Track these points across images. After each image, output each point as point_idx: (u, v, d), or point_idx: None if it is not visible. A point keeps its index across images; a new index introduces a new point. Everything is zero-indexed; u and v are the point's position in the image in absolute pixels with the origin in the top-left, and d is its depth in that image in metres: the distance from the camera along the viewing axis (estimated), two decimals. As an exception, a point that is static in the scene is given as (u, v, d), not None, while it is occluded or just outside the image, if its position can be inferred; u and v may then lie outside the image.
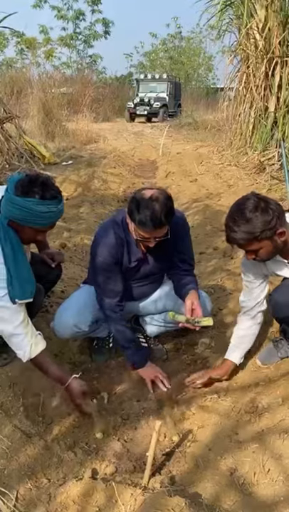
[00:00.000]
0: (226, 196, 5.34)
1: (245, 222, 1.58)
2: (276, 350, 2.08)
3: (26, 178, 1.67)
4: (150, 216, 1.72)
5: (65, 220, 4.22)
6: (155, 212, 1.72)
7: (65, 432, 1.78)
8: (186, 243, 2.12)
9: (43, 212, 1.64)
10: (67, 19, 18.03)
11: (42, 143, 7.72)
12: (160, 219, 1.72)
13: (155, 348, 2.37)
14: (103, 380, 2.12)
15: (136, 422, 1.89)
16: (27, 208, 1.62)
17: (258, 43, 6.57)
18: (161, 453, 1.73)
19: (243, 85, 7.26)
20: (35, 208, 1.63)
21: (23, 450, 1.62)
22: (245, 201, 1.62)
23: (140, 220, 1.74)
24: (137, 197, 1.78)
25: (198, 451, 1.73)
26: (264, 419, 1.80)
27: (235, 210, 1.63)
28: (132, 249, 2.00)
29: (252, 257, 1.71)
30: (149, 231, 1.78)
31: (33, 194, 1.63)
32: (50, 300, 2.63)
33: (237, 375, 2.10)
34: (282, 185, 5.07)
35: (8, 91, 9.90)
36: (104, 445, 1.74)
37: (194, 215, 4.71)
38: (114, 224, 2.00)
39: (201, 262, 3.50)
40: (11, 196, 1.64)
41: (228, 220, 1.64)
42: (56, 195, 1.70)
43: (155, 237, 1.82)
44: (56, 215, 1.72)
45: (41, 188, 1.65)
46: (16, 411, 1.80)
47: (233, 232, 1.62)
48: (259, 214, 1.58)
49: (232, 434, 1.78)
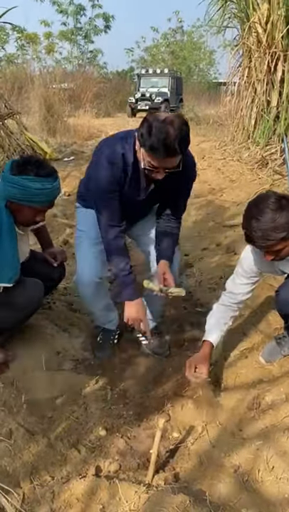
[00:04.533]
0: (229, 191, 5.32)
1: (270, 222, 1.51)
2: (279, 347, 2.07)
3: (21, 159, 1.76)
4: (163, 141, 1.56)
5: (67, 216, 4.22)
6: (169, 137, 1.55)
7: (69, 429, 1.77)
8: (188, 189, 2.02)
9: (38, 188, 1.69)
10: (67, 14, 17.94)
11: (43, 139, 7.70)
12: (173, 146, 1.57)
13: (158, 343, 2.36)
14: (106, 377, 2.11)
15: (139, 419, 1.88)
16: (23, 185, 1.68)
17: (261, 37, 6.52)
18: (165, 450, 1.72)
19: (245, 80, 7.21)
20: (30, 184, 1.68)
21: (26, 448, 1.62)
22: (265, 200, 1.55)
23: (151, 146, 1.59)
24: (149, 119, 1.61)
25: (202, 448, 1.72)
26: (268, 415, 1.79)
27: (255, 209, 1.56)
28: (136, 178, 1.85)
29: (271, 258, 1.65)
30: (160, 159, 1.63)
31: (28, 171, 1.69)
32: (53, 297, 2.63)
33: (240, 371, 2.09)
34: (285, 180, 5.05)
35: (9, 87, 9.85)
36: (107, 442, 1.74)
37: (197, 210, 4.69)
38: (124, 143, 1.81)
39: (203, 258, 3.49)
40: (7, 175, 1.69)
41: (249, 220, 1.56)
42: (51, 172, 1.76)
43: (165, 168, 1.68)
44: (52, 192, 1.77)
45: (36, 166, 1.71)
46: (19, 408, 1.79)
47: (257, 233, 1.54)
48: (285, 213, 1.52)
49: (236, 431, 1.78)
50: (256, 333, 2.30)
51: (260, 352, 2.15)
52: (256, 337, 2.27)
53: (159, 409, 1.92)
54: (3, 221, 1.72)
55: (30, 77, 10.53)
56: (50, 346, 2.19)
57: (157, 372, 2.16)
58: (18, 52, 13.80)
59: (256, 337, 2.27)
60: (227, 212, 4.45)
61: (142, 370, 2.18)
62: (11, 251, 1.81)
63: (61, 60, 16.88)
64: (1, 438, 1.62)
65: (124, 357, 2.28)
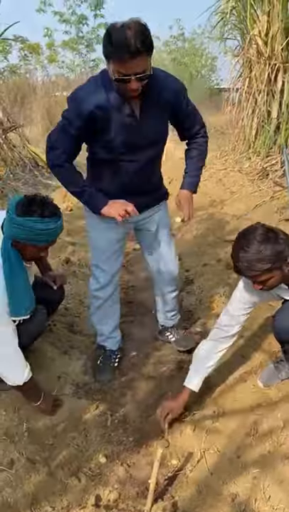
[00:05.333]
0: (229, 204, 5.35)
1: (256, 253, 1.58)
2: (277, 371, 2.10)
3: (25, 199, 1.77)
4: (122, 42, 1.56)
5: (69, 232, 4.25)
6: (127, 37, 1.56)
7: (69, 456, 1.81)
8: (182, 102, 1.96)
9: (43, 229, 1.72)
10: (70, 23, 18.07)
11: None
12: (134, 44, 1.56)
13: (185, 338, 2.51)
14: (106, 402, 2.14)
15: (139, 445, 1.91)
16: (28, 226, 1.70)
17: (261, 49, 6.56)
18: (164, 478, 1.75)
19: (246, 90, 7.26)
20: (35, 225, 1.71)
21: (27, 478, 1.66)
22: (253, 231, 1.62)
23: (113, 51, 1.61)
24: (108, 29, 1.64)
25: (201, 475, 1.75)
26: (265, 442, 1.82)
27: (243, 241, 1.62)
28: (117, 101, 1.79)
29: (259, 287, 1.71)
30: (125, 63, 1.60)
31: (33, 213, 1.72)
32: (53, 319, 2.66)
33: (239, 395, 2.11)
34: (286, 193, 5.07)
35: (11, 97, 9.95)
36: (107, 470, 1.77)
37: (198, 224, 4.71)
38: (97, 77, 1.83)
39: (204, 275, 3.51)
40: (12, 217, 1.72)
41: (237, 251, 1.62)
42: (55, 211, 1.78)
43: (135, 74, 1.64)
44: (56, 231, 1.80)
45: (40, 206, 1.74)
46: (21, 436, 1.83)
47: (243, 264, 1.60)
48: (270, 245, 1.58)
49: (234, 458, 1.80)
50: (255, 355, 2.32)
51: (258, 375, 2.17)
52: (255, 360, 2.30)
53: (158, 435, 1.95)
54: (13, 259, 1.77)
55: (33, 88, 10.62)
56: (51, 371, 2.23)
57: (157, 396, 2.19)
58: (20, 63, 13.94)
59: (255, 360, 2.30)
60: (227, 227, 4.48)
61: (141, 393, 2.21)
62: (25, 285, 1.87)
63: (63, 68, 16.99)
64: (3, 468, 1.66)
65: (124, 380, 2.31)
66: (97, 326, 2.46)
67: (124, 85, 1.69)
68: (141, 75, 1.66)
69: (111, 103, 1.79)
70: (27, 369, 1.87)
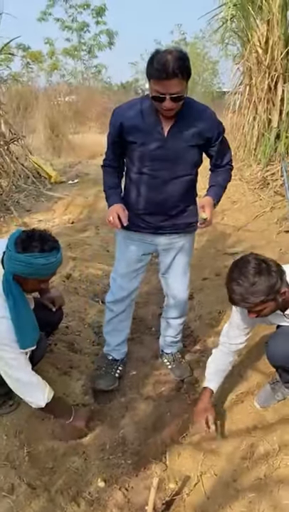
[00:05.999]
0: (230, 214, 5.38)
1: (249, 287, 1.63)
2: (273, 392, 2.13)
3: (24, 235, 1.81)
4: (162, 64, 1.76)
5: (70, 246, 4.30)
6: (167, 61, 1.76)
7: (69, 481, 1.84)
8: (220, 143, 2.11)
9: (44, 264, 1.77)
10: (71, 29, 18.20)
11: (48, 160, 7.82)
12: (172, 66, 1.75)
13: (180, 367, 2.55)
14: (105, 424, 2.17)
15: (137, 469, 1.94)
16: (28, 262, 1.75)
17: (261, 57, 6.59)
18: (161, 502, 1.78)
19: (247, 97, 7.29)
20: (36, 261, 1.75)
21: (27, 503, 1.69)
22: (246, 264, 1.68)
23: (153, 71, 1.81)
24: (153, 53, 1.85)
25: (197, 499, 1.78)
26: (261, 466, 1.85)
27: (237, 273, 1.67)
28: (151, 118, 2.00)
29: (254, 316, 1.75)
30: (162, 82, 1.80)
31: (33, 248, 1.76)
32: (54, 338, 2.70)
33: (236, 417, 2.15)
34: (286, 203, 5.09)
35: (14, 106, 10.02)
36: (106, 495, 1.80)
37: (198, 236, 4.71)
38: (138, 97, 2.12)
39: (203, 289, 3.55)
40: (13, 254, 1.76)
41: (231, 283, 1.68)
42: (54, 245, 1.83)
43: (170, 94, 1.82)
44: (56, 264, 1.85)
45: (39, 241, 1.78)
46: (22, 461, 1.87)
47: (238, 296, 1.67)
48: (263, 278, 1.64)
49: (230, 482, 1.83)
50: (252, 375, 2.36)
51: (255, 396, 2.20)
52: (252, 380, 2.33)
53: (156, 458, 1.98)
54: (15, 293, 1.82)
55: (36, 96, 10.69)
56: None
57: (155, 418, 2.22)
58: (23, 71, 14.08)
59: (252, 380, 2.33)
60: (228, 239, 4.51)
61: (140, 415, 2.24)
62: (29, 317, 1.92)
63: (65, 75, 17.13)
64: (4, 494, 1.70)
65: (123, 401, 2.34)
66: (106, 336, 2.54)
67: (160, 104, 1.88)
68: (175, 95, 1.83)
69: (143, 118, 2.00)
70: (47, 389, 1.92)
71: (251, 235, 4.55)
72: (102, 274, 3.74)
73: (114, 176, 2.22)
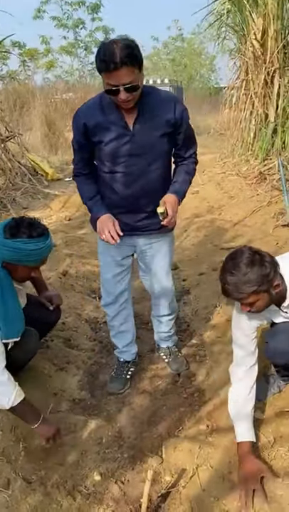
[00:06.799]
0: (227, 209, 5.38)
1: (242, 276, 1.62)
2: (268, 385, 2.13)
3: (13, 221, 1.82)
4: (109, 56, 1.67)
5: (67, 243, 4.30)
6: (114, 52, 1.67)
7: (65, 475, 1.84)
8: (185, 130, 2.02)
9: (32, 249, 1.77)
10: (67, 27, 18.17)
11: (45, 157, 7.82)
12: (119, 56, 1.66)
13: (177, 361, 2.54)
14: (102, 418, 2.18)
15: (133, 462, 1.95)
16: (17, 248, 1.76)
17: (257, 52, 6.57)
18: (157, 494, 1.78)
19: (243, 92, 7.28)
20: (24, 247, 1.76)
21: (23, 498, 1.69)
22: (240, 255, 1.67)
23: (100, 63, 1.71)
24: (99, 46, 1.77)
25: (193, 492, 1.78)
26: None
27: (231, 264, 1.67)
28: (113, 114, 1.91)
29: (247, 310, 1.75)
30: (111, 74, 1.71)
31: (21, 234, 1.77)
32: (51, 334, 2.70)
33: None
34: (283, 197, 5.09)
35: (11, 104, 10.01)
36: (102, 488, 1.81)
37: (195, 231, 4.75)
38: (98, 95, 1.97)
39: (200, 284, 3.55)
40: (1, 239, 1.77)
41: (224, 274, 1.67)
42: (43, 232, 1.83)
43: (123, 85, 1.73)
44: (45, 250, 1.85)
45: (28, 227, 1.79)
46: (17, 456, 1.87)
47: (231, 286, 1.65)
48: (256, 268, 1.63)
49: (226, 474, 1.83)
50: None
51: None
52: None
53: (152, 451, 1.99)
54: (3, 281, 1.81)
55: (32, 93, 10.68)
56: (48, 388, 2.28)
57: (152, 412, 2.23)
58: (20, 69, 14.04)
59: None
60: (225, 234, 4.50)
61: (137, 409, 2.25)
62: (16, 307, 1.91)
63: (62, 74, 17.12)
64: (0, 489, 1.70)
65: (120, 396, 2.34)
66: (113, 339, 2.54)
67: (116, 97, 1.79)
68: (128, 85, 1.74)
69: (105, 115, 1.91)
70: (14, 392, 1.80)
71: (248, 229, 4.55)
72: (98, 270, 3.73)
73: (89, 184, 2.13)
